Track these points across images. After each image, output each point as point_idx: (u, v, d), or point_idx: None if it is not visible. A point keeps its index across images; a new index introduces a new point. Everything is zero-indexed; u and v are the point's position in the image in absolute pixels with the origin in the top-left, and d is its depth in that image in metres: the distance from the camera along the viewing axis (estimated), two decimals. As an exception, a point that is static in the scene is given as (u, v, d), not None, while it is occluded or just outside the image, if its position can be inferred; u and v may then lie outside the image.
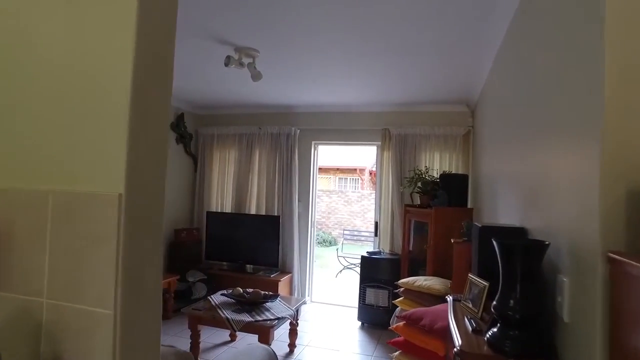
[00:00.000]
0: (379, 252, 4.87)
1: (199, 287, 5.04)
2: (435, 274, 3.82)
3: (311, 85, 4.47)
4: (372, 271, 4.73)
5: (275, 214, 5.49)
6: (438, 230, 3.92)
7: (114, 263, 0.87)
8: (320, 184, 17.69)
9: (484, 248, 1.74)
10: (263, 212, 5.60)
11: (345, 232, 11.54)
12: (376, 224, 5.31)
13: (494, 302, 1.32)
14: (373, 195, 14.97)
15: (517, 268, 1.26)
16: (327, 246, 13.82)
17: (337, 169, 17.42)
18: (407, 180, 4.52)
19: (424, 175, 4.46)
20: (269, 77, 4.01)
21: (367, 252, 4.87)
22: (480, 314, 1.62)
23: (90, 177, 0.92)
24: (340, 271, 9.08)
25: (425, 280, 3.56)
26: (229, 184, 5.87)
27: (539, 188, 1.63)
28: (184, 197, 5.96)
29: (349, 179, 17.62)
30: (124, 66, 0.90)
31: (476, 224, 2.03)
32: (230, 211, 5.79)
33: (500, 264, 1.32)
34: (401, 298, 3.70)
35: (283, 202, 5.51)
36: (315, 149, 5.74)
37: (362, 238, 11.65)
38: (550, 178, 1.48)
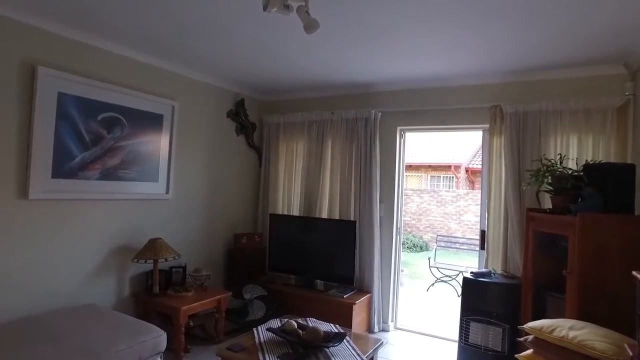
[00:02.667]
0: (488, 274, 3.58)
1: (257, 305, 4.16)
2: (584, 316, 2.49)
3: (396, 53, 3.35)
4: (479, 299, 3.46)
5: (352, 219, 4.43)
6: (586, 248, 2.58)
7: None
8: (410, 182, 16.27)
9: None
10: (337, 216, 4.57)
11: (439, 237, 10.09)
12: (482, 233, 4.00)
13: None
14: (470, 196, 13.27)
15: None
16: (418, 251, 12.43)
17: (429, 166, 15.87)
18: (530, 174, 3.19)
19: (556, 167, 3.10)
20: (339, 43, 3.01)
21: (472, 273, 3.60)
22: None
23: None
24: (433, 284, 7.75)
25: (571, 328, 2.26)
26: (297, 182, 4.93)
27: None
28: (248, 195, 5.14)
29: (442, 177, 15.96)
30: None
31: None
32: (297, 214, 4.86)
33: None
34: (529, 352, 2.43)
35: (361, 204, 4.43)
36: (401, 136, 4.58)
37: (458, 245, 10.11)
38: None
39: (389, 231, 4.46)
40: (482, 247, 4.03)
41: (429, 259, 7.94)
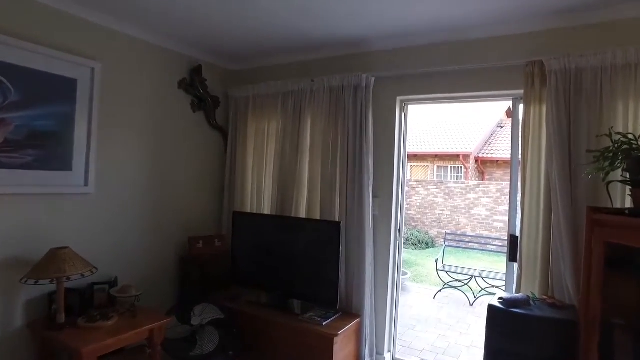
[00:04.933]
0: (525, 301, 2.49)
1: (209, 334, 3.11)
2: None
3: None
4: (512, 339, 2.38)
5: (336, 219, 3.36)
6: None
7: None
8: (415, 173, 15.17)
9: None
10: (317, 215, 3.50)
11: (448, 235, 8.99)
12: (513, 239, 2.92)
13: None
14: (481, 187, 12.07)
15: None
16: (423, 248, 11.37)
17: (436, 155, 14.75)
18: (595, 157, 2.11)
19: (636, 146, 2.02)
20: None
21: (502, 299, 2.51)
22: None
23: None
24: (441, 290, 6.69)
25: None
26: (269, 171, 3.86)
27: None
28: (210, 189, 4.08)
29: (449, 168, 14.83)
30: None
31: None
32: (269, 211, 3.80)
33: None
34: None
35: (349, 200, 3.35)
36: (402, 110, 3.48)
37: (468, 243, 9.02)
38: None
39: (386, 234, 3.38)
40: (512, 258, 2.94)
41: (436, 261, 6.87)
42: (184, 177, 3.80)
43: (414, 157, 15.23)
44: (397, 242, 3.47)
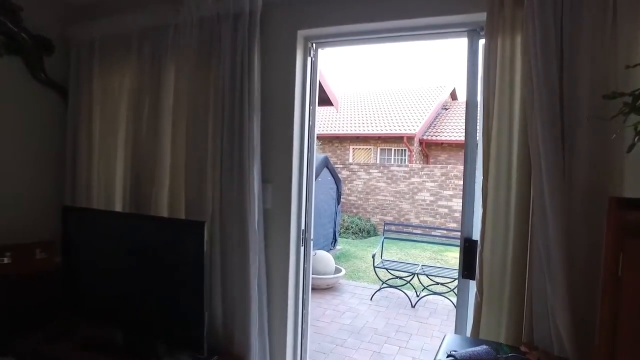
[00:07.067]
0: (488, 355, 1.47)
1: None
2: None
3: None
4: None
5: (208, 215, 2.21)
6: None
7: None
8: (358, 156, 14.28)
9: None
10: (182, 210, 2.33)
11: (388, 225, 8.07)
12: (467, 244, 1.91)
13: None
14: (425, 171, 11.24)
15: None
16: (364, 237, 10.50)
17: (379, 137, 13.89)
18: (629, 103, 1.10)
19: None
20: None
21: (451, 356, 1.47)
22: None
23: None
24: (380, 289, 5.76)
25: None
26: (122, 149, 2.63)
27: None
28: (39, 174, 2.80)
29: (393, 150, 14.03)
30: None
31: None
32: (121, 206, 2.59)
33: None
34: None
35: (223, 187, 2.20)
36: (307, 52, 2.33)
37: (411, 234, 8.19)
38: None
39: (283, 238, 2.27)
40: (466, 272, 1.93)
41: (373, 257, 5.91)
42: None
43: (356, 139, 14.31)
44: (303, 247, 2.37)
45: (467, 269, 1.93)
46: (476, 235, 1.87)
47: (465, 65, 1.94)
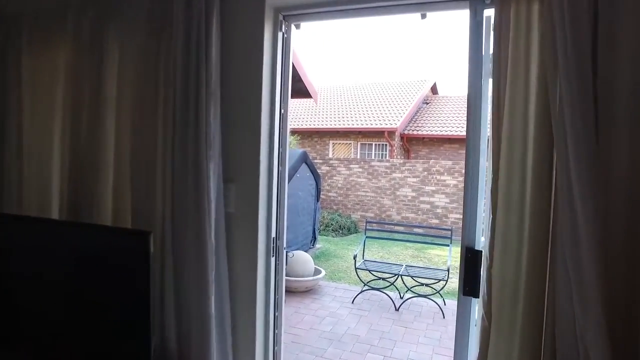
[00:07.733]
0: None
1: None
2: None
3: None
4: None
5: (157, 222, 1.83)
6: None
7: None
8: (338, 151, 13.96)
9: None
10: (128, 219, 1.95)
11: (370, 222, 7.76)
12: (469, 255, 1.58)
13: None
14: (407, 167, 10.89)
15: None
16: (345, 234, 10.19)
17: (359, 132, 13.60)
18: None
19: None
20: None
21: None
22: None
23: None
24: (362, 291, 5.46)
25: None
26: (58, 143, 2.23)
27: None
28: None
29: (374, 145, 13.76)
30: None
31: None
32: (58, 210, 2.19)
33: None
34: None
35: (175, 187, 1.82)
36: (279, 27, 1.95)
37: (393, 233, 7.91)
38: None
39: (249, 247, 1.91)
40: (468, 289, 1.61)
41: (354, 258, 5.59)
42: None
43: (336, 134, 13.99)
44: (274, 257, 2.02)
45: (468, 283, 1.61)
46: (479, 245, 1.56)
47: (468, 43, 1.61)
